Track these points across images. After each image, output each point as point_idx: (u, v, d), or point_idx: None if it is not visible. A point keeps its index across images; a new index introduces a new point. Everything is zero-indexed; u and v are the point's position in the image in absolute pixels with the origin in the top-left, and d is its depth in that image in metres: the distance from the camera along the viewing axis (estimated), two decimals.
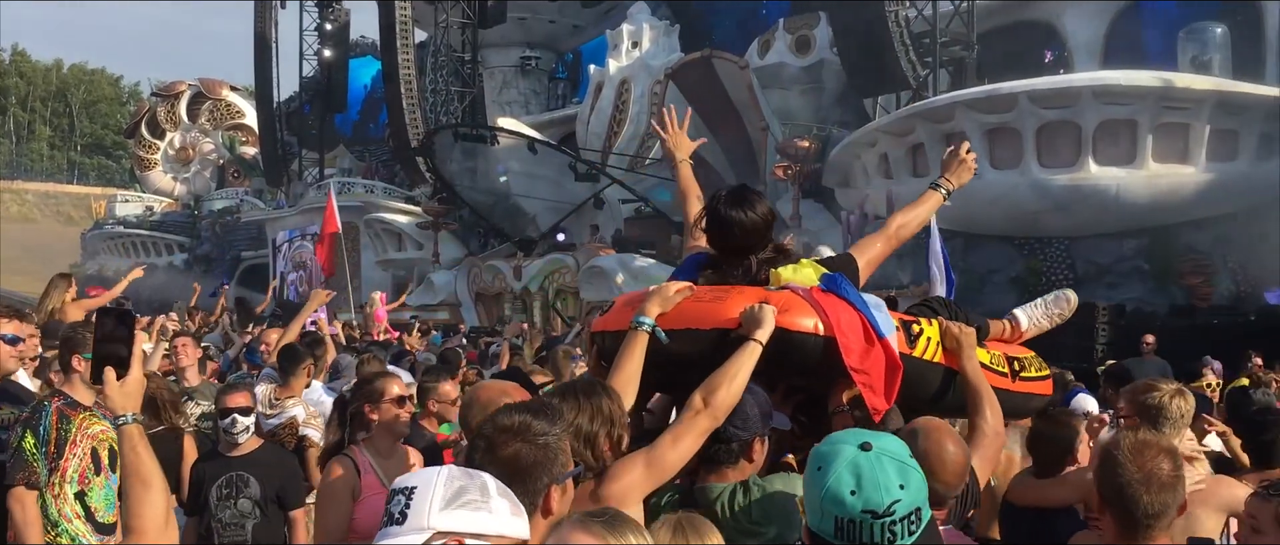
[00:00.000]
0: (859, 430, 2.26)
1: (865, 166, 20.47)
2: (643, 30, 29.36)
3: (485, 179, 30.04)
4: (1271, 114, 16.79)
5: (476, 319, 27.27)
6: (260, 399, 6.41)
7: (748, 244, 3.40)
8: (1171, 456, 2.67)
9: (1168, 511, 2.62)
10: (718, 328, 3.12)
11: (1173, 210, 17.32)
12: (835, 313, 3.12)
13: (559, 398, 2.83)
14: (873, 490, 2.09)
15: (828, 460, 2.16)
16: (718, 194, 3.45)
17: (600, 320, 3.58)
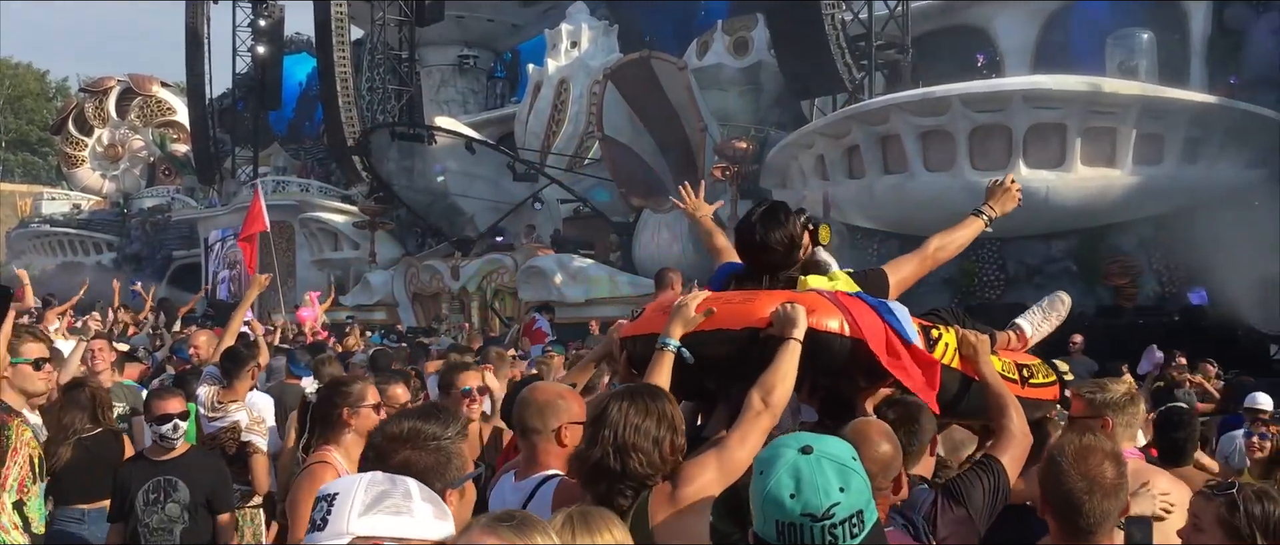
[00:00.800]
0: (802, 434, 2.28)
1: (802, 168, 20.64)
2: (581, 30, 29.33)
3: (422, 178, 29.83)
4: (1196, 119, 17.20)
5: (414, 319, 27.08)
6: (203, 401, 6.33)
7: (773, 261, 3.48)
8: (1115, 461, 2.67)
9: (1110, 517, 2.64)
10: (749, 327, 3.21)
11: (1100, 212, 17.69)
12: (859, 313, 3.21)
13: (626, 402, 2.87)
14: (812, 493, 2.10)
15: (769, 464, 2.18)
16: (751, 211, 3.52)
17: (630, 326, 3.67)
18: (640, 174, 25.22)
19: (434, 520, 1.99)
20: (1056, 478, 2.67)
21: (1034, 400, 3.88)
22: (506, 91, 36.43)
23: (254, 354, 7.02)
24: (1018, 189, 4.18)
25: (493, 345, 11.90)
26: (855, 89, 21.18)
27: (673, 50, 25.65)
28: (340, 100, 30.16)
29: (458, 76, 35.79)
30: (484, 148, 28.73)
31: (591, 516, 2.45)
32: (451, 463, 2.30)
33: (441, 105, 34.68)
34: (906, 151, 18.20)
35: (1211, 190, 17.03)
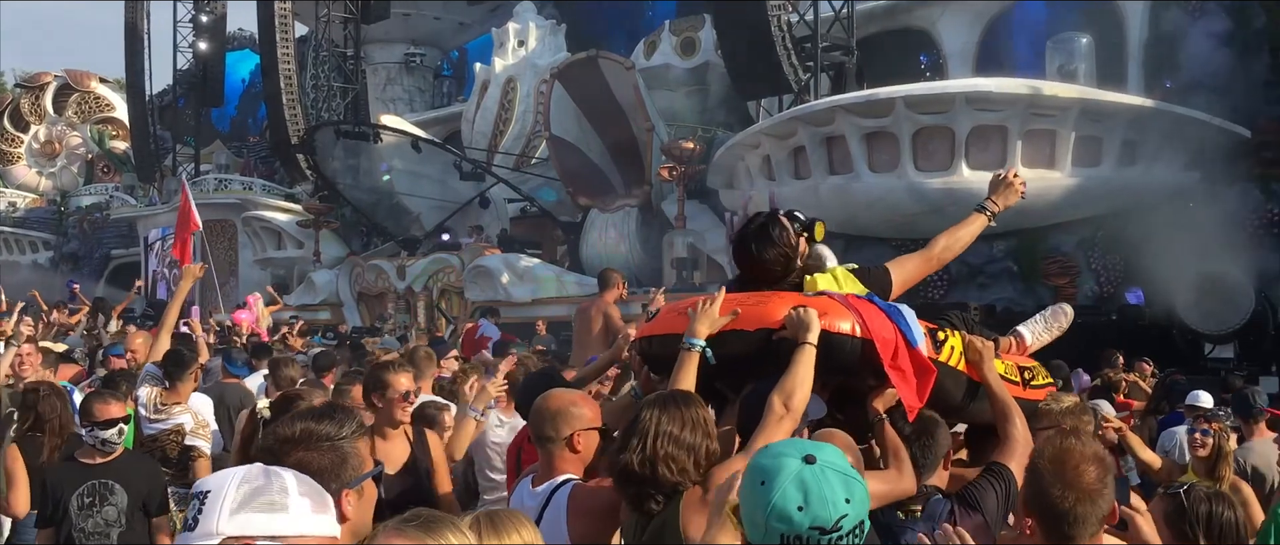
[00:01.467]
0: (798, 440, 2.26)
1: (748, 168, 20.74)
2: (529, 29, 29.26)
3: (368, 177, 29.58)
4: (1133, 122, 17.51)
5: (359, 319, 26.82)
6: (144, 402, 6.24)
7: (772, 276, 3.56)
8: (1098, 462, 2.63)
9: (1090, 519, 2.58)
10: (763, 328, 3.30)
11: (1040, 214, 17.92)
12: (869, 316, 3.29)
13: (659, 409, 2.94)
14: (821, 506, 2.06)
15: (772, 474, 2.12)
16: (745, 227, 3.62)
17: (647, 326, 3.77)
18: (587, 173, 25.21)
19: (312, 516, 1.96)
20: (1036, 481, 2.66)
21: (1034, 401, 4.06)
22: (453, 90, 36.23)
23: (195, 356, 6.92)
24: (1022, 183, 4.28)
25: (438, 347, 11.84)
26: (801, 90, 21.32)
27: (620, 50, 25.67)
28: (284, 98, 29.77)
29: (404, 75, 35.53)
30: (430, 146, 28.55)
31: (500, 518, 2.45)
32: (347, 462, 2.27)
33: (387, 103, 34.41)
34: (851, 152, 18.35)
35: (1148, 192, 17.35)
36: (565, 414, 3.41)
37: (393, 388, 4.81)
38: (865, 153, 18.34)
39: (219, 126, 41.64)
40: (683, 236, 22.41)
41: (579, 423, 3.41)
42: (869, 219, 18.30)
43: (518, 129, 28.86)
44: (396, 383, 4.83)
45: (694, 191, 23.01)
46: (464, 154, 28.69)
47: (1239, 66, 18.31)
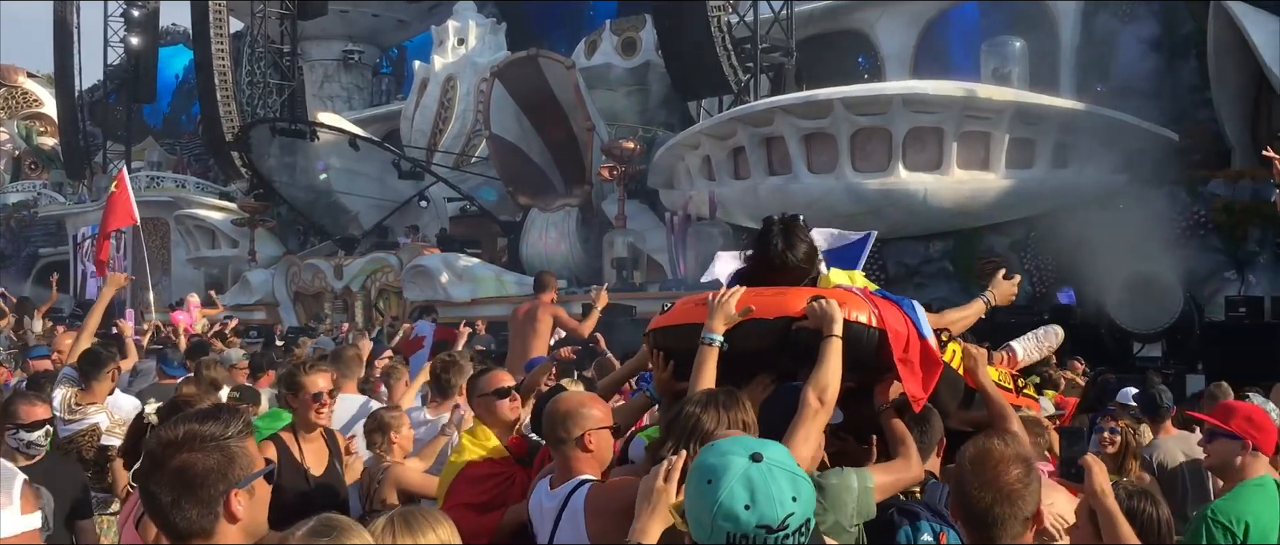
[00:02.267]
0: (745, 438, 2.24)
1: (689, 168, 20.80)
2: (469, 27, 29.10)
3: (305, 175, 29.22)
4: (1065, 125, 17.82)
5: (295, 319, 26.47)
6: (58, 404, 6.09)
7: (800, 275, 3.62)
8: (1021, 463, 2.60)
9: (1009, 520, 2.55)
10: (783, 316, 3.35)
11: (975, 214, 18.22)
12: (884, 308, 3.37)
13: (699, 407, 2.95)
14: (767, 504, 2.05)
15: (718, 473, 2.11)
16: (765, 233, 3.66)
17: (661, 317, 3.76)
18: (528, 173, 25.12)
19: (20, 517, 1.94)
20: (958, 481, 2.66)
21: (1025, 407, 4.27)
22: (392, 88, 35.94)
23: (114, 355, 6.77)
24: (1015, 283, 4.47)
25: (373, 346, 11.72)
26: (741, 91, 21.43)
27: (561, 49, 25.64)
28: (218, 94, 29.31)
29: (342, 72, 35.17)
30: (368, 145, 28.27)
31: (414, 517, 2.42)
32: (235, 462, 2.24)
33: (325, 101, 34.03)
34: (790, 153, 18.48)
35: (1079, 193, 17.67)
36: (575, 415, 3.46)
37: (305, 389, 4.69)
38: (804, 153, 18.48)
39: (151, 123, 40.87)
40: (623, 236, 22.42)
41: (589, 422, 3.44)
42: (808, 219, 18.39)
43: (457, 128, 28.67)
44: (309, 384, 4.70)
45: (634, 191, 23.04)
46: (403, 152, 28.45)
47: (1168, 71, 18.75)
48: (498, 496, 4.18)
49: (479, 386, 4.61)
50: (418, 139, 29.06)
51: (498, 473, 4.27)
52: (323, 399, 4.72)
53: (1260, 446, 3.83)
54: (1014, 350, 4.83)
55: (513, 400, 4.56)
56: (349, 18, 33.66)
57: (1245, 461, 3.81)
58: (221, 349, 12.93)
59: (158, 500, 2.22)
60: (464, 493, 4.19)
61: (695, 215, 19.99)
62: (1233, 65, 17.85)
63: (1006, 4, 21.30)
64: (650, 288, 21.35)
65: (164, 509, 2.22)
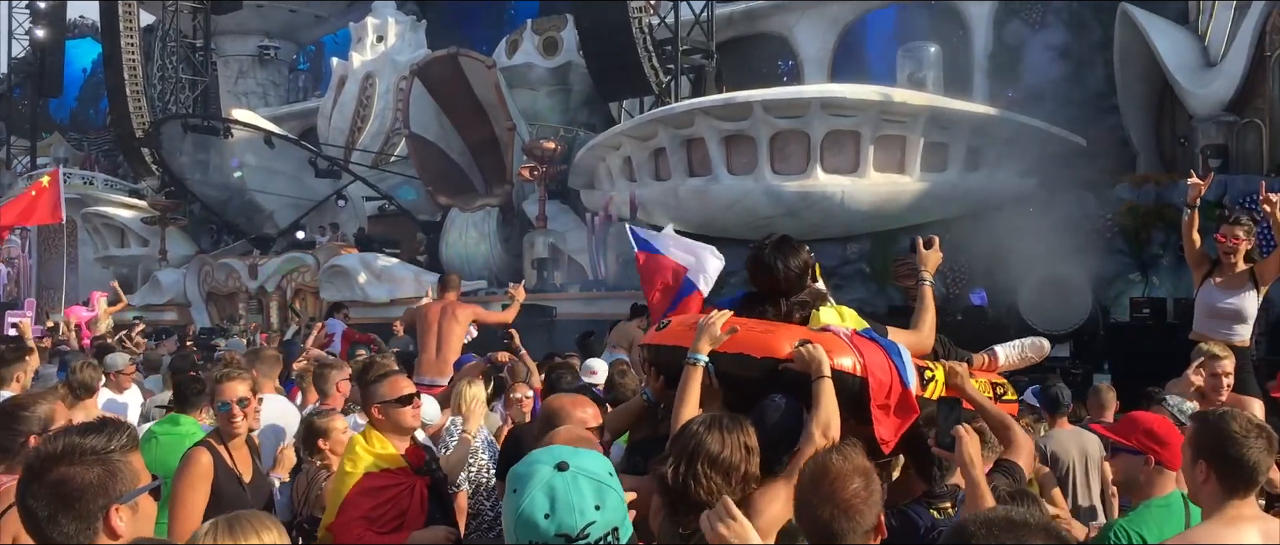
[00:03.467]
0: (557, 448, 2.24)
1: (610, 169, 20.81)
2: (388, 25, 28.78)
3: (218, 173, 28.65)
4: (977, 129, 18.18)
5: (208, 319, 25.95)
6: None
7: (785, 288, 3.77)
8: (862, 475, 2.59)
9: (848, 534, 2.53)
10: (769, 357, 3.48)
11: (891, 216, 18.48)
12: (869, 353, 3.49)
13: (704, 428, 3.02)
14: (567, 513, 2.05)
15: (523, 481, 2.11)
16: (764, 241, 3.85)
17: (655, 335, 3.96)
18: (448, 172, 24.92)
19: None
20: (799, 497, 2.65)
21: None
22: (309, 85, 35.38)
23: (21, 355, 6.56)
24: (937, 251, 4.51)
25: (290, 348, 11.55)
26: (662, 92, 21.50)
27: (482, 48, 25.47)
28: (128, 89, 28.59)
29: (257, 68, 34.51)
30: (284, 142, 27.83)
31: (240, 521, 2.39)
32: (118, 477, 2.19)
33: (239, 97, 33.37)
34: (710, 155, 18.59)
35: (991, 197, 18.03)
36: (563, 415, 3.66)
37: (220, 397, 4.63)
38: (724, 155, 18.60)
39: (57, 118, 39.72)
40: (544, 236, 22.36)
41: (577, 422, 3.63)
42: (728, 220, 18.56)
43: (376, 126, 28.34)
44: (224, 392, 4.63)
45: (555, 192, 22.99)
46: (320, 151, 28.04)
47: (1076, 78, 19.22)
48: (396, 509, 4.05)
49: (378, 392, 4.31)
50: (335, 137, 28.66)
51: (395, 484, 4.11)
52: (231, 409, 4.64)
53: (1164, 462, 3.59)
54: (996, 353, 4.85)
55: (415, 407, 4.35)
56: (264, 12, 33.05)
57: (1150, 478, 3.61)
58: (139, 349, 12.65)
59: (34, 514, 2.15)
60: (359, 506, 4.02)
61: (616, 216, 20.01)
62: (1138, 73, 18.38)
63: (922, 10, 21.67)
64: (570, 288, 21.33)
65: (40, 523, 2.15)
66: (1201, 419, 3.34)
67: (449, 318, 8.97)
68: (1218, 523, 3.10)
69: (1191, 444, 3.24)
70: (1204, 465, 3.14)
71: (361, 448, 4.20)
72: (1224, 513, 3.11)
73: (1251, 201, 15.99)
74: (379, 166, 27.22)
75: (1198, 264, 6.74)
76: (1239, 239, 6.45)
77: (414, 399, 4.34)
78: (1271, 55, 16.55)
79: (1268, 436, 3.16)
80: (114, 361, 8.00)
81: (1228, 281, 6.49)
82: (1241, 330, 6.50)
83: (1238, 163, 17.14)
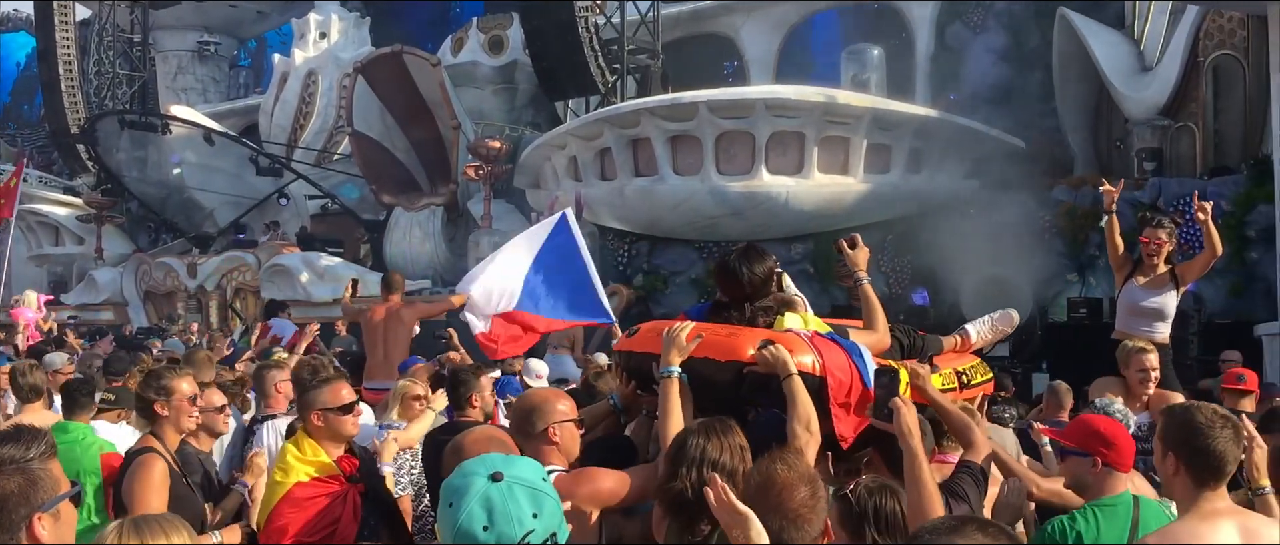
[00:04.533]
0: (491, 456, 2.23)
1: (555, 168, 20.77)
2: (331, 21, 28.49)
3: (157, 170, 28.16)
4: (919, 131, 18.38)
5: (146, 319, 25.50)
6: None
7: (750, 293, 3.93)
8: (808, 484, 2.61)
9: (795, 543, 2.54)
10: (734, 361, 3.64)
11: (835, 217, 18.61)
12: (829, 355, 3.62)
13: (703, 438, 3.16)
14: (505, 523, 2.05)
15: (459, 494, 2.10)
16: (733, 250, 4.06)
17: (626, 341, 4.09)
18: (392, 171, 24.71)
19: None
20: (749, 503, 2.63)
21: (978, 397, 4.55)
22: (251, 81, 34.94)
23: None
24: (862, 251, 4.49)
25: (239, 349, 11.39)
26: (608, 92, 21.49)
27: (427, 46, 25.28)
28: (63, 84, 28.04)
29: (197, 64, 33.94)
30: (224, 139, 27.42)
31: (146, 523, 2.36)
32: (38, 485, 2.16)
33: (178, 93, 32.79)
34: (656, 155, 18.62)
35: (932, 198, 18.27)
36: (540, 409, 3.67)
37: (178, 393, 4.61)
38: (670, 155, 18.64)
39: None
40: (489, 236, 22.20)
41: (555, 416, 3.65)
42: (673, 220, 18.61)
43: (319, 123, 28.04)
44: (179, 387, 4.62)
45: (501, 191, 22.89)
46: (261, 148, 27.68)
47: (1016, 81, 19.51)
48: (326, 519, 3.98)
49: (320, 398, 4.20)
50: (277, 134, 28.31)
51: (327, 493, 4.03)
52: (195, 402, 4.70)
53: (1111, 463, 3.54)
54: (968, 332, 4.97)
55: (355, 415, 4.26)
56: (204, 8, 32.50)
57: (1099, 479, 3.56)
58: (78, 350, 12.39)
59: None
60: (287, 515, 3.94)
61: None
62: (1076, 76, 18.71)
63: (866, 12, 21.89)
64: None
65: None
66: (1169, 412, 3.40)
67: (394, 320, 8.88)
68: (1194, 518, 3.14)
69: (1161, 437, 3.29)
70: (1173, 458, 3.19)
71: (293, 456, 4.11)
72: (1199, 507, 3.14)
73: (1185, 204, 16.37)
74: (322, 164, 26.94)
75: (1120, 266, 6.92)
76: (1162, 241, 6.63)
77: (355, 407, 4.26)
78: (1204, 60, 16.93)
79: (1234, 427, 3.22)
80: (52, 361, 7.83)
81: (1151, 282, 6.68)
82: (1162, 328, 6.68)
83: (1172, 166, 17.51)
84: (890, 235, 18.81)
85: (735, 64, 24.17)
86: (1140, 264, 6.79)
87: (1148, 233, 6.68)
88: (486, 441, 2.93)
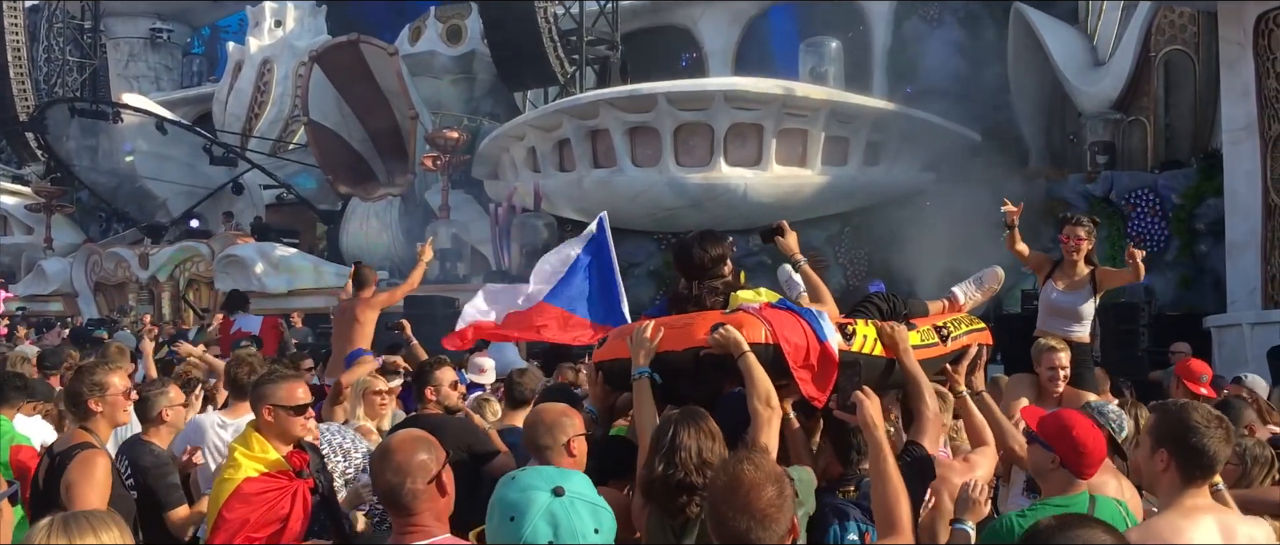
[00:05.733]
0: (546, 470, 2.23)
1: (514, 159, 20.69)
2: (286, 9, 28.22)
3: (108, 159, 27.73)
4: (876, 124, 18.51)
5: (96, 310, 25.12)
6: None
7: (700, 271, 4.17)
8: (775, 483, 2.58)
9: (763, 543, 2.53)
10: (690, 348, 3.83)
11: (793, 209, 18.63)
12: (780, 323, 3.78)
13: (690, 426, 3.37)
14: (570, 537, 2.07)
15: (521, 509, 2.11)
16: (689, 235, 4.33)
17: (599, 352, 4.35)
18: (348, 161, 24.50)
19: None
20: (712, 509, 2.61)
21: (961, 349, 4.59)
22: (204, 69, 34.49)
23: None
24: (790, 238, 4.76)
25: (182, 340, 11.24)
26: (567, 83, 21.44)
27: (384, 35, 25.05)
28: (12, 71, 27.50)
29: (149, 51, 33.48)
30: (177, 128, 27.02)
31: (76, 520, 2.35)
32: None
33: (130, 81, 32.33)
34: (614, 146, 18.61)
35: (889, 190, 18.41)
36: (559, 424, 3.87)
37: (112, 388, 4.57)
38: (628, 147, 18.64)
39: None
40: (447, 227, 22.11)
41: (573, 430, 3.87)
42: (632, 212, 18.59)
43: (274, 113, 27.76)
44: (112, 382, 4.58)
45: (458, 181, 22.77)
46: (215, 137, 27.33)
47: (972, 75, 19.66)
48: (273, 515, 4.01)
49: (274, 395, 4.21)
50: (231, 123, 28.00)
51: (274, 488, 4.06)
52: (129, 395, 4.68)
53: (1070, 466, 3.44)
54: (955, 294, 5.13)
55: (308, 418, 4.26)
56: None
57: (1056, 477, 3.49)
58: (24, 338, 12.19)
59: None
60: (237, 510, 3.98)
61: (520, 207, 19.90)
62: (1030, 70, 18.90)
63: (824, 5, 21.96)
64: (474, 279, 21.15)
65: None
66: (1163, 409, 3.47)
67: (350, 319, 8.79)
68: (1175, 513, 3.20)
69: (1151, 433, 3.34)
70: (1165, 454, 3.24)
71: (240, 453, 4.13)
72: (1181, 503, 3.20)
73: (1135, 197, 16.62)
74: (277, 154, 26.67)
75: (1039, 267, 6.97)
76: (1081, 239, 6.62)
77: (308, 409, 4.25)
78: (1156, 55, 17.16)
79: (1226, 428, 3.30)
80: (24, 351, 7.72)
81: (1069, 284, 6.67)
82: (1078, 328, 6.65)
83: (1124, 159, 17.74)
84: (847, 227, 18.94)
85: (694, 56, 24.18)
86: (1061, 264, 6.78)
87: (1067, 231, 6.68)
88: (413, 442, 2.88)
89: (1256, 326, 13.07)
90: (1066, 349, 6.16)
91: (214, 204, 26.91)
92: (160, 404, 5.08)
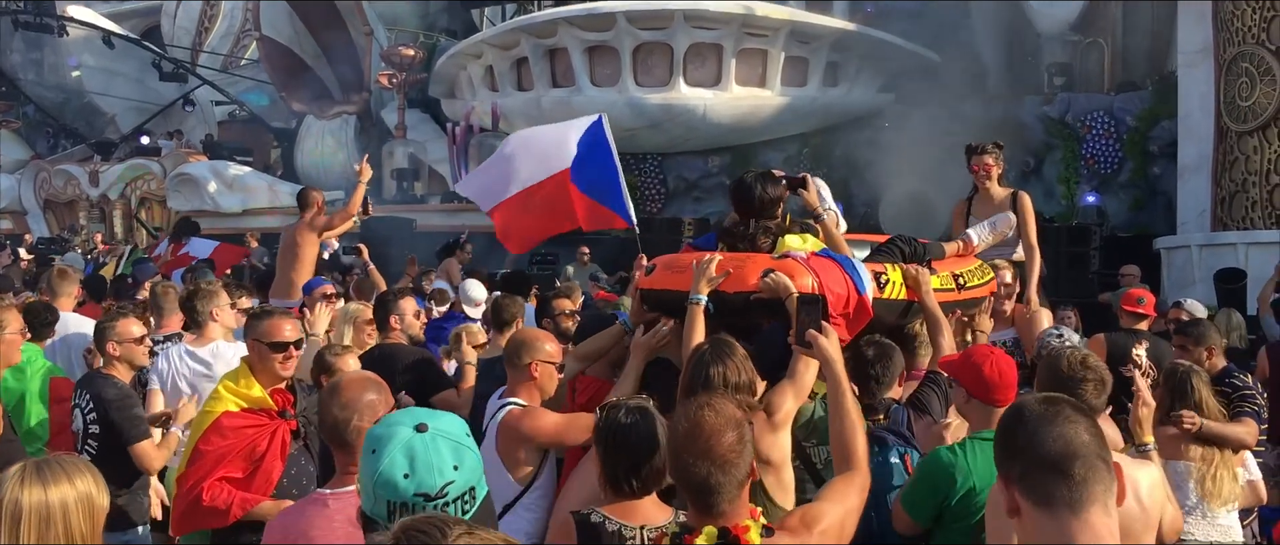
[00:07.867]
0: (417, 409, 2.24)
1: (471, 78, 20.43)
2: None
3: (54, 73, 27.15)
4: (836, 44, 18.43)
5: (46, 229, 24.75)
6: None
7: (758, 210, 4.37)
8: (735, 428, 2.57)
9: (727, 487, 2.53)
10: (741, 292, 4.06)
11: (752, 130, 18.71)
12: (825, 272, 4.04)
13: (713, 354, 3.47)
14: (426, 472, 2.08)
15: (382, 442, 2.12)
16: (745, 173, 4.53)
17: (646, 280, 4.47)
18: (302, 78, 24.08)
19: None
20: (674, 455, 2.61)
21: (972, 299, 4.95)
22: None
23: None
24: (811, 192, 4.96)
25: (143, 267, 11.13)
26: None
27: None
28: None
29: None
30: (125, 42, 26.41)
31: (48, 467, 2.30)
32: None
33: None
34: (573, 66, 18.42)
35: (848, 111, 18.41)
36: (529, 345, 4.03)
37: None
38: (587, 66, 18.46)
39: None
40: (403, 146, 21.90)
41: (539, 354, 4.00)
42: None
43: (225, 27, 27.15)
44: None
45: (415, 100, 22.48)
46: (164, 52, 26.73)
47: None
48: (247, 450, 4.00)
49: (259, 329, 4.19)
50: (181, 38, 27.37)
51: (254, 424, 4.04)
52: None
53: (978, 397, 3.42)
54: (970, 237, 5.41)
55: (288, 356, 4.18)
56: None
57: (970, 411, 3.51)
58: None
59: None
60: (212, 442, 3.99)
61: (478, 126, 19.70)
62: None
63: None
64: (431, 200, 21.01)
65: None
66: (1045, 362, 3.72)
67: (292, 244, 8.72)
68: None
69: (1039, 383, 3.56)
70: None
71: (224, 387, 4.13)
72: None
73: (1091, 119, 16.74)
74: (228, 70, 26.16)
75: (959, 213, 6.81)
76: (990, 165, 6.67)
77: (289, 349, 4.17)
78: None
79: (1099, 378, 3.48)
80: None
81: (989, 209, 6.49)
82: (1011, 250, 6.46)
83: (1081, 81, 17.82)
84: (806, 148, 18.93)
85: None
86: (976, 195, 6.74)
87: (975, 161, 6.70)
88: (362, 383, 2.89)
89: (1205, 248, 13.30)
90: (1010, 267, 6.14)
91: (164, 120, 26.45)
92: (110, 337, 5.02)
